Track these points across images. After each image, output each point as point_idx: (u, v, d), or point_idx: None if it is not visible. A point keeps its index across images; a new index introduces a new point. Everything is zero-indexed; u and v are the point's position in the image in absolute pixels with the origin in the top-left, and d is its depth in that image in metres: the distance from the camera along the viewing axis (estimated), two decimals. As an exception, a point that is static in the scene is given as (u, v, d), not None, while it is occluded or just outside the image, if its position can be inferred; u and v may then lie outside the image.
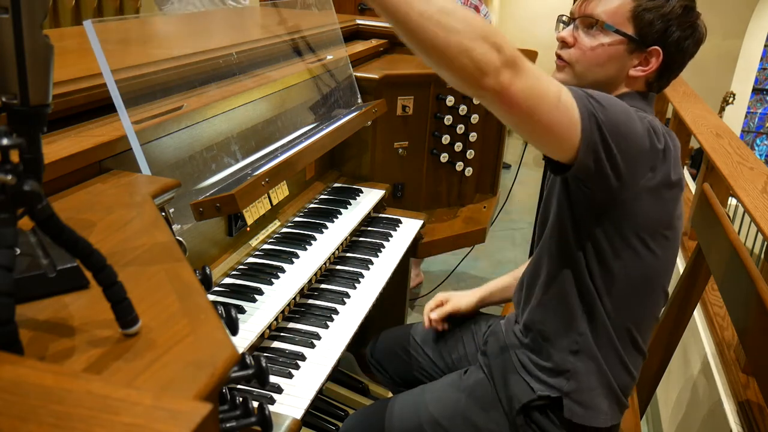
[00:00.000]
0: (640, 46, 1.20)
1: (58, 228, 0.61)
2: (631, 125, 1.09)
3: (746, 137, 7.74)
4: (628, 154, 1.09)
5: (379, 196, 2.02)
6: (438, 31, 0.92)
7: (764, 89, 7.64)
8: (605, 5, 1.21)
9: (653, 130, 1.13)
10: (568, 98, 1.04)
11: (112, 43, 1.22)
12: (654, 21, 1.18)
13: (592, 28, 1.23)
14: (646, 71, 1.22)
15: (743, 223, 3.51)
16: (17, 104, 0.61)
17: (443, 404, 1.38)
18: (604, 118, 1.06)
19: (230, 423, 0.89)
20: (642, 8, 1.18)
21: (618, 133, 1.07)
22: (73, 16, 5.03)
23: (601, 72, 1.24)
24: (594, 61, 1.23)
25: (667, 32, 1.19)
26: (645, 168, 1.13)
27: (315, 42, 2.05)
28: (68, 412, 0.49)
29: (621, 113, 1.09)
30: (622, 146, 1.08)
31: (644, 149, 1.11)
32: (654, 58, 1.21)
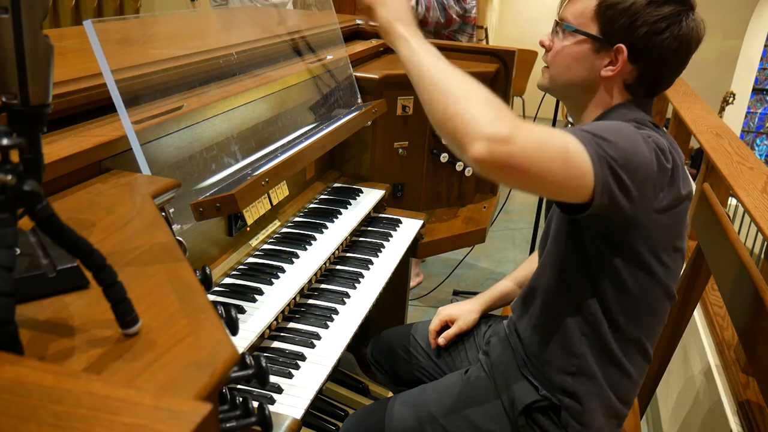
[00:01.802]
0: (605, 45, 1.18)
1: (58, 228, 0.61)
2: (640, 152, 1.08)
3: (746, 137, 7.74)
4: (639, 182, 1.08)
5: (379, 196, 2.02)
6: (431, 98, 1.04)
7: (764, 89, 7.64)
8: (573, 7, 1.21)
9: (660, 150, 1.11)
10: (577, 149, 1.02)
11: (112, 43, 1.22)
12: (616, 17, 1.15)
13: (563, 31, 1.23)
14: (614, 71, 1.19)
15: (743, 223, 3.51)
16: (17, 104, 0.61)
17: (444, 404, 1.38)
18: (615, 155, 1.04)
19: (230, 423, 0.89)
20: (604, 6, 1.16)
21: (628, 165, 1.06)
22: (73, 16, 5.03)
23: (571, 73, 1.23)
24: (562, 62, 1.23)
25: (632, 28, 1.15)
26: (657, 190, 1.12)
27: (315, 42, 2.05)
28: (68, 412, 0.49)
29: (628, 143, 1.07)
30: (633, 176, 1.06)
31: (654, 173, 1.09)
32: (620, 56, 1.17)
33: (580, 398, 1.28)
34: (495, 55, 2.39)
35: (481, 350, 1.55)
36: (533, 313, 1.34)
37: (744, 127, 7.63)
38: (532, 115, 2.48)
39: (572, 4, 1.22)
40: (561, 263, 1.27)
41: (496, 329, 1.54)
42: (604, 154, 1.03)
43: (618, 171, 1.05)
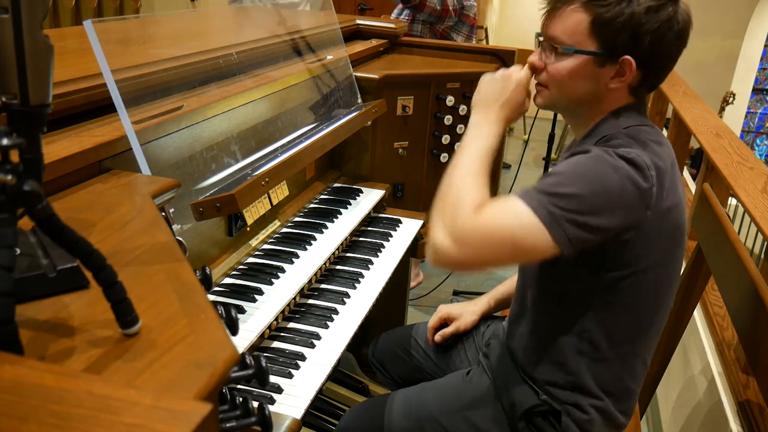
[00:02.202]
0: (610, 59, 1.14)
1: (58, 228, 0.61)
2: (610, 187, 1.06)
3: (746, 137, 7.74)
4: (615, 216, 1.07)
5: (379, 196, 2.02)
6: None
7: (764, 89, 7.64)
8: (563, 24, 1.16)
9: (635, 172, 1.07)
10: (526, 226, 1.05)
11: (112, 43, 1.22)
12: (617, 32, 1.11)
13: (555, 51, 1.18)
14: (624, 81, 1.16)
15: (743, 223, 3.51)
16: (17, 104, 0.61)
17: (444, 403, 1.38)
18: (576, 207, 1.05)
19: (230, 423, 0.89)
20: (601, 21, 1.12)
21: (596, 207, 1.06)
22: (73, 16, 5.03)
23: (576, 92, 1.19)
24: (565, 83, 1.19)
25: (636, 40, 1.11)
26: (639, 212, 1.09)
27: (315, 42, 2.05)
28: (68, 412, 0.49)
29: (592, 183, 1.06)
30: (603, 213, 1.06)
31: (629, 201, 1.07)
32: (627, 68, 1.14)
33: (580, 407, 1.28)
34: (495, 55, 2.39)
35: (481, 351, 1.55)
36: (523, 333, 1.34)
37: (744, 127, 7.62)
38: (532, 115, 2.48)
39: (559, 21, 1.16)
40: (552, 285, 1.27)
41: (495, 331, 1.54)
42: (561, 213, 1.05)
43: (582, 220, 1.05)
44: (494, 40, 7.08)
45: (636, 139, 1.16)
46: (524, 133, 6.53)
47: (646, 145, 1.14)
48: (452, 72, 2.23)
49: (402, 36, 2.63)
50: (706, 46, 6.52)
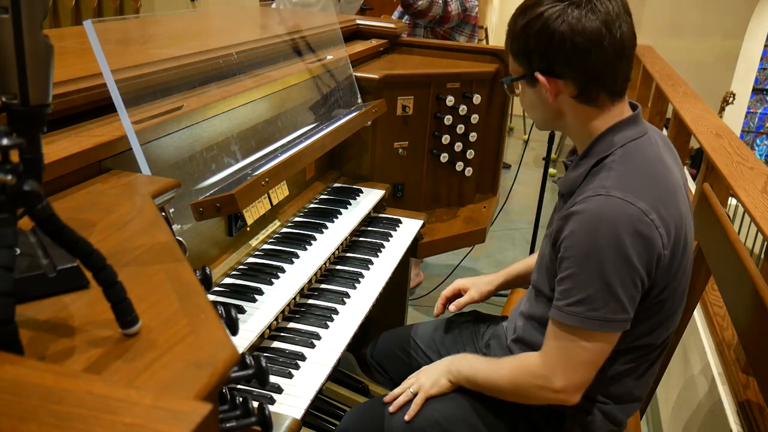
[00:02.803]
0: (530, 78, 1.20)
1: (58, 228, 0.61)
2: (629, 264, 1.11)
3: (746, 137, 7.73)
4: (645, 270, 1.13)
5: (379, 196, 2.02)
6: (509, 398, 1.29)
7: (764, 89, 7.64)
8: (511, 63, 1.26)
9: (649, 243, 1.11)
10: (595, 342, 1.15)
11: (112, 43, 1.22)
12: (519, 56, 1.20)
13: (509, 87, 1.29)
14: (553, 92, 1.19)
15: (743, 223, 3.51)
16: (17, 104, 0.61)
17: (444, 404, 1.38)
18: (615, 296, 1.11)
19: (230, 423, 0.89)
20: (512, 52, 1.22)
21: (627, 283, 1.12)
22: (73, 16, 5.04)
23: (538, 114, 1.27)
24: (526, 108, 1.29)
25: (528, 55, 1.18)
26: (659, 255, 1.14)
27: (315, 42, 2.05)
28: (68, 412, 0.49)
29: (618, 275, 1.10)
30: (638, 278, 1.13)
31: (648, 256, 1.12)
32: (545, 82, 1.18)
33: (584, 410, 1.28)
34: (495, 55, 2.39)
35: (480, 352, 1.55)
36: (533, 340, 1.34)
37: (744, 127, 7.62)
38: (532, 115, 2.48)
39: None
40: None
41: (495, 332, 1.54)
42: (606, 316, 1.12)
43: (624, 297, 1.12)
44: (494, 40, 7.08)
45: (631, 162, 1.17)
46: (524, 133, 6.53)
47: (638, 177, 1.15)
48: (452, 72, 2.23)
49: (402, 36, 2.63)
50: (706, 46, 6.52)
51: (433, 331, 1.65)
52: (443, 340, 1.62)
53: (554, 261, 1.22)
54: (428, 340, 1.64)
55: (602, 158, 1.19)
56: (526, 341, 1.37)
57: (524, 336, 1.38)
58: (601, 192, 1.12)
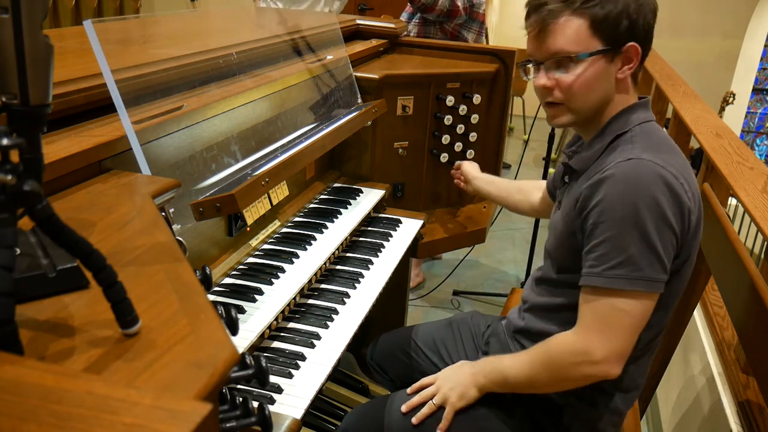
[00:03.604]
0: (616, 51, 1.18)
1: (58, 228, 0.61)
2: (665, 220, 1.12)
3: (746, 137, 7.73)
4: (676, 230, 1.14)
5: (379, 196, 2.02)
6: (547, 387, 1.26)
7: (764, 89, 7.64)
8: (563, 36, 1.18)
9: (672, 190, 1.12)
10: (637, 303, 1.13)
11: (112, 43, 1.22)
12: (616, 24, 1.16)
13: (564, 63, 1.20)
14: (632, 68, 1.21)
15: (743, 223, 3.51)
16: (17, 104, 0.61)
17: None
18: (659, 265, 1.12)
19: (230, 423, 0.89)
20: (599, 19, 1.16)
21: (665, 243, 1.13)
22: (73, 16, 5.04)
23: (596, 95, 1.22)
24: (585, 90, 1.20)
25: (633, 25, 1.16)
26: (689, 212, 1.16)
27: (315, 42, 2.05)
28: (68, 412, 0.49)
29: (651, 230, 1.11)
30: (672, 236, 1.14)
31: (680, 213, 1.14)
32: (633, 53, 1.19)
33: (585, 399, 1.28)
34: (495, 55, 2.39)
35: (480, 350, 1.55)
36: (540, 331, 1.34)
37: (744, 127, 7.62)
38: (532, 115, 2.48)
39: (558, 35, 1.18)
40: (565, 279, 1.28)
41: (495, 330, 1.54)
42: (650, 275, 1.12)
43: (666, 261, 1.13)
44: (494, 40, 7.08)
45: (649, 138, 1.19)
46: (524, 133, 6.53)
47: (662, 149, 1.17)
48: (452, 72, 2.23)
49: (402, 36, 2.63)
50: (706, 46, 6.52)
51: (433, 332, 1.66)
52: (443, 340, 1.62)
53: (574, 234, 1.22)
54: (428, 341, 1.64)
55: (620, 134, 1.21)
56: (531, 331, 1.37)
57: (528, 326, 1.38)
58: (632, 157, 1.14)
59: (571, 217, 1.23)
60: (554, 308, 1.32)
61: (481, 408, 1.34)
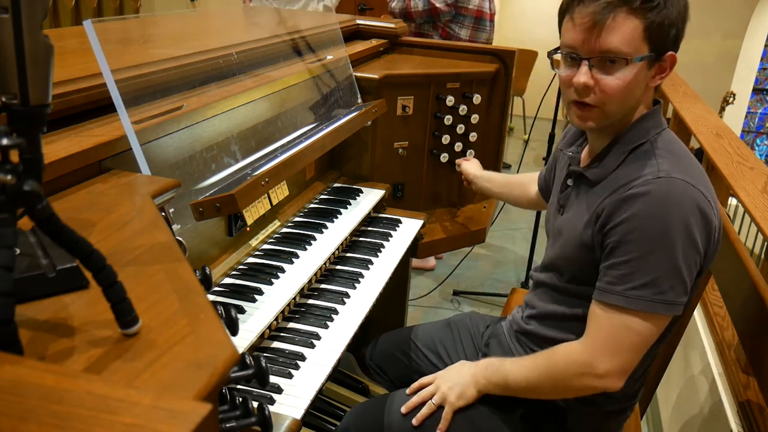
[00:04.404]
0: (658, 59, 1.15)
1: (57, 228, 0.61)
2: (694, 245, 1.11)
3: (746, 137, 7.73)
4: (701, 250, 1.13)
5: (379, 196, 2.02)
6: (547, 394, 1.27)
7: (764, 89, 7.64)
8: (620, 34, 1.10)
9: (708, 218, 1.12)
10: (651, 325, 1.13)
11: (112, 43, 1.22)
12: (667, 32, 1.13)
13: (614, 63, 1.13)
14: (664, 77, 1.19)
15: (743, 223, 3.51)
16: (17, 104, 0.61)
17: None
18: (680, 288, 1.11)
19: (230, 423, 0.89)
20: (655, 25, 1.11)
21: (691, 270, 1.13)
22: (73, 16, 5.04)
23: (630, 101, 1.18)
24: (624, 95, 1.15)
25: (678, 34, 1.15)
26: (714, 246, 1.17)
27: (315, 42, 2.05)
28: (68, 412, 0.49)
29: (682, 257, 1.10)
30: (697, 259, 1.13)
31: (707, 236, 1.13)
32: (669, 63, 1.17)
33: (589, 403, 1.28)
34: (495, 55, 2.39)
35: (480, 352, 1.55)
36: (544, 336, 1.34)
37: (744, 127, 7.62)
38: (532, 115, 2.48)
39: (612, 32, 1.10)
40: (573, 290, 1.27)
41: (495, 331, 1.54)
42: (672, 299, 1.11)
43: (688, 284, 1.13)
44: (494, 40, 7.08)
45: (671, 150, 1.17)
46: (524, 133, 6.54)
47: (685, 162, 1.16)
48: (452, 72, 2.23)
49: (402, 36, 2.64)
50: (706, 46, 6.51)
51: (433, 333, 1.66)
52: (442, 341, 1.62)
53: (588, 247, 1.20)
54: (428, 342, 1.64)
55: (639, 145, 1.19)
56: (537, 335, 1.36)
57: (535, 331, 1.37)
58: (662, 175, 1.11)
59: (587, 230, 1.20)
60: (562, 317, 1.31)
61: (481, 408, 1.34)
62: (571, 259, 1.25)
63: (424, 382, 1.38)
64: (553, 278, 1.32)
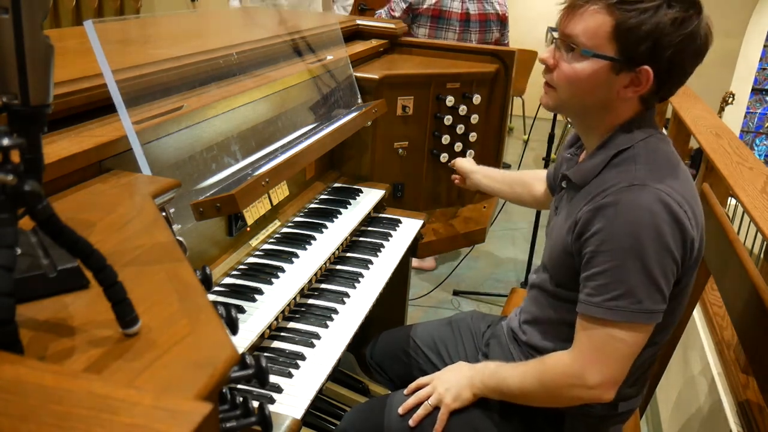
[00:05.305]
0: (627, 67, 1.11)
1: (58, 228, 0.62)
2: (669, 255, 1.10)
3: (746, 137, 7.73)
4: (677, 258, 1.13)
5: (379, 196, 2.02)
6: (541, 402, 1.27)
7: (764, 89, 7.64)
8: (584, 23, 1.11)
9: (683, 226, 1.11)
10: (635, 334, 1.13)
11: (113, 44, 1.22)
12: (639, 40, 1.08)
13: (571, 50, 1.14)
14: (638, 91, 1.14)
15: (743, 223, 3.51)
16: (18, 104, 0.61)
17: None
18: (657, 296, 1.11)
19: (230, 423, 0.89)
20: (625, 27, 1.08)
21: (668, 278, 1.12)
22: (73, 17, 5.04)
23: (588, 99, 1.17)
24: (577, 87, 1.15)
25: (656, 49, 1.09)
26: (694, 256, 1.16)
27: (315, 42, 2.05)
28: (68, 412, 0.49)
29: (658, 265, 1.09)
30: (674, 274, 1.13)
31: (682, 244, 1.12)
32: (644, 79, 1.12)
33: (588, 407, 1.28)
34: (495, 55, 2.39)
35: (480, 352, 1.55)
36: (542, 336, 1.34)
37: (743, 127, 7.62)
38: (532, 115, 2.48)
39: (579, 21, 1.12)
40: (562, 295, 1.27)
41: (495, 332, 1.54)
42: (650, 308, 1.11)
43: (665, 292, 1.12)
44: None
45: (653, 158, 1.15)
46: (524, 133, 6.53)
47: (666, 171, 1.14)
48: (452, 72, 2.23)
49: (402, 36, 2.64)
50: (706, 46, 6.49)
51: (433, 332, 1.66)
52: (443, 340, 1.63)
53: (570, 254, 1.19)
54: (428, 341, 1.64)
55: (622, 150, 1.17)
56: (530, 345, 1.36)
57: (530, 341, 1.37)
58: (636, 183, 1.11)
59: (568, 236, 1.20)
60: (553, 323, 1.31)
61: (477, 410, 1.34)
62: (557, 264, 1.26)
63: (421, 383, 1.38)
64: (545, 282, 1.32)
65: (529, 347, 1.37)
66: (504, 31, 3.51)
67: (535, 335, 1.35)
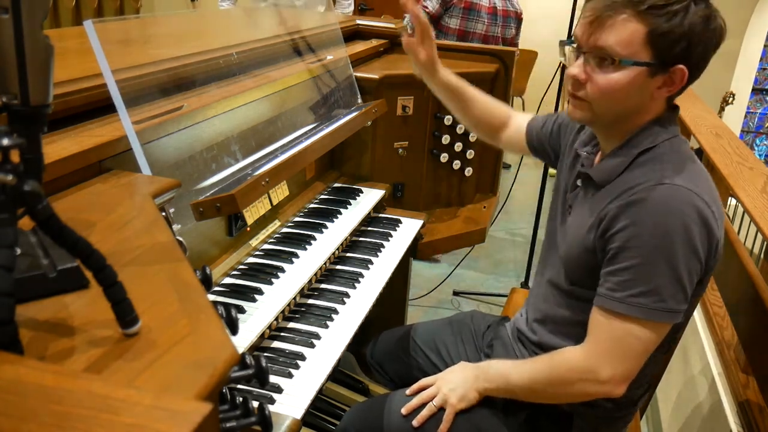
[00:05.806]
0: (662, 69, 1.11)
1: (58, 228, 0.62)
2: (695, 256, 1.11)
3: (746, 137, 7.73)
4: (701, 260, 1.12)
5: (379, 196, 2.02)
6: (547, 398, 1.27)
7: (764, 89, 7.63)
8: (617, 34, 1.09)
9: (710, 227, 1.11)
10: (652, 333, 1.13)
11: (113, 44, 1.22)
12: (674, 42, 1.08)
13: (605, 62, 1.12)
14: (671, 90, 1.15)
15: (743, 223, 3.51)
16: (18, 104, 0.61)
17: (444, 404, 1.38)
18: (681, 296, 1.11)
19: (230, 423, 0.89)
20: (659, 31, 1.07)
21: (693, 277, 1.12)
22: (73, 17, 5.04)
23: (624, 105, 1.16)
24: (614, 97, 1.14)
25: (690, 49, 1.09)
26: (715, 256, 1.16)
27: (315, 42, 2.05)
28: (68, 412, 0.49)
29: (684, 265, 1.10)
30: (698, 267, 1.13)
31: (707, 248, 1.12)
32: (678, 77, 1.12)
33: (594, 407, 1.28)
34: (495, 55, 2.39)
35: (482, 352, 1.55)
36: (547, 345, 1.34)
37: (744, 127, 7.62)
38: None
39: (611, 32, 1.10)
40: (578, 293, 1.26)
41: (497, 332, 1.54)
42: (672, 307, 1.11)
43: (689, 292, 1.13)
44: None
45: (679, 157, 1.15)
46: (524, 133, 6.52)
47: (691, 170, 1.14)
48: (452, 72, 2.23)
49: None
50: (706, 46, 6.49)
51: (433, 331, 1.66)
52: (443, 340, 1.62)
53: (591, 251, 1.19)
54: (428, 340, 1.64)
55: (646, 150, 1.17)
56: (543, 345, 1.36)
57: (541, 341, 1.36)
58: (665, 181, 1.11)
59: (590, 233, 1.19)
60: (567, 322, 1.30)
61: (482, 410, 1.34)
62: (576, 263, 1.25)
63: (424, 384, 1.38)
64: (559, 277, 1.31)
65: (538, 347, 1.36)
66: (519, 29, 3.63)
67: (546, 334, 1.35)
